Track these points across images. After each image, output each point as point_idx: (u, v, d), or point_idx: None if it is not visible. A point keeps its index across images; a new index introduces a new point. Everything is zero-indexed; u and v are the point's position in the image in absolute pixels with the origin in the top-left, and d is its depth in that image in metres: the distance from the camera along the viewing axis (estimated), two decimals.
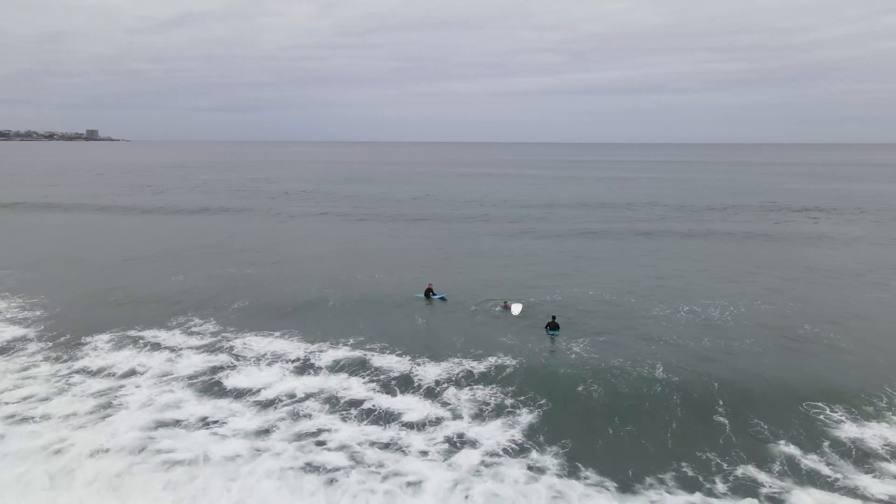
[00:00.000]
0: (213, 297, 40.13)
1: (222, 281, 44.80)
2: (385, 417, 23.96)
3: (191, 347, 30.82)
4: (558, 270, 48.94)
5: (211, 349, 30.68)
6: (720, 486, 19.77)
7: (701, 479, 20.18)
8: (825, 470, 20.65)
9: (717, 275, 47.79)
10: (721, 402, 25.19)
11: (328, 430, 22.87)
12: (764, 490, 19.64)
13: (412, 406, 24.71)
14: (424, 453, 21.38)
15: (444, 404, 24.99)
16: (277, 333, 33.15)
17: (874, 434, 22.80)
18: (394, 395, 25.86)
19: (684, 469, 20.64)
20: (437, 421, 23.62)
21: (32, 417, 23.69)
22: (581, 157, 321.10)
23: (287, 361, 29.16)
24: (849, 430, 23.07)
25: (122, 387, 26.47)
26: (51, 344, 31.32)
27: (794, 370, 28.69)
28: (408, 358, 29.41)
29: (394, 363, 28.84)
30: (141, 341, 31.57)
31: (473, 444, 22.02)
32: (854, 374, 28.35)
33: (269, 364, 28.83)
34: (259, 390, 26.15)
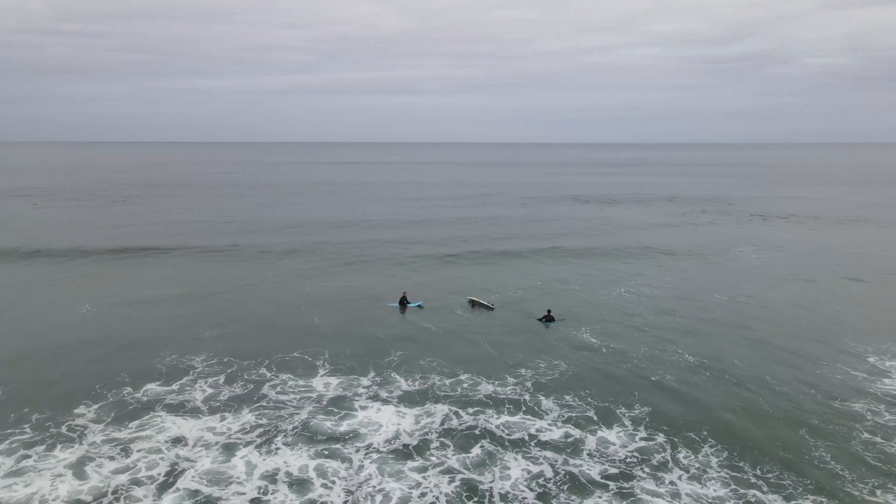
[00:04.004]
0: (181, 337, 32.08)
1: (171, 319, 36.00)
2: (522, 445, 21.14)
3: (221, 401, 24.26)
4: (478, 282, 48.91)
5: (251, 401, 24.42)
6: None
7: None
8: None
9: (610, 264, 52.39)
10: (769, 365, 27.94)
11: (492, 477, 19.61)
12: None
13: (526, 426, 22.37)
14: (605, 484, 19.62)
15: (548, 418, 23.17)
16: (299, 365, 27.94)
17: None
18: (499, 415, 23.07)
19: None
20: (569, 440, 21.62)
21: None
22: (346, 159, 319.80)
23: (348, 401, 24.23)
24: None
25: (181, 467, 19.64)
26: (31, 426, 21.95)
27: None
28: (466, 375, 26.87)
29: (464, 384, 25.95)
30: (146, 402, 23.95)
31: (631, 458, 20.85)
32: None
33: (332, 408, 23.64)
34: (361, 442, 21.10)
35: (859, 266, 50.51)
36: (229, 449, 20.35)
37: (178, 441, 20.81)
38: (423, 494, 17.81)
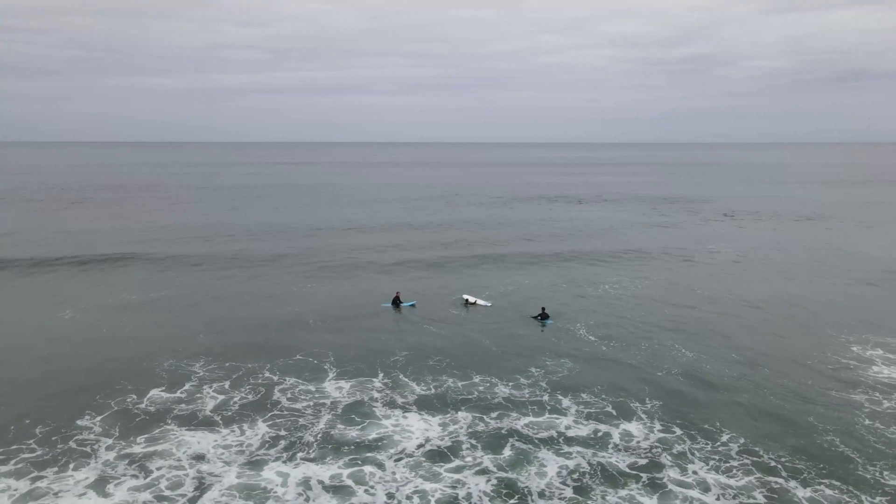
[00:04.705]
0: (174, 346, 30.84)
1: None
2: (557, 444, 21.20)
3: (233, 410, 23.58)
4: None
5: (265, 409, 23.76)
6: None
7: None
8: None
9: (576, 261, 53.29)
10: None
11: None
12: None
13: (553, 424, 22.52)
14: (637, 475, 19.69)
15: (571, 415, 23.39)
16: (305, 368, 27.51)
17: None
18: (522, 416, 23.00)
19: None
20: (600, 439, 21.58)
21: None
22: (307, 160, 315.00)
23: (366, 408, 23.67)
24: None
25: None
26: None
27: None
28: (479, 377, 26.76)
29: (479, 386, 25.81)
30: (154, 413, 23.07)
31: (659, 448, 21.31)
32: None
33: (353, 416, 23.01)
34: (392, 449, 20.47)
35: (825, 261, 52.67)
36: (255, 462, 19.69)
37: (198, 457, 19.95)
38: (468, 495, 17.72)
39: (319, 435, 21.35)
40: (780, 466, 19.89)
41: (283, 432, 21.57)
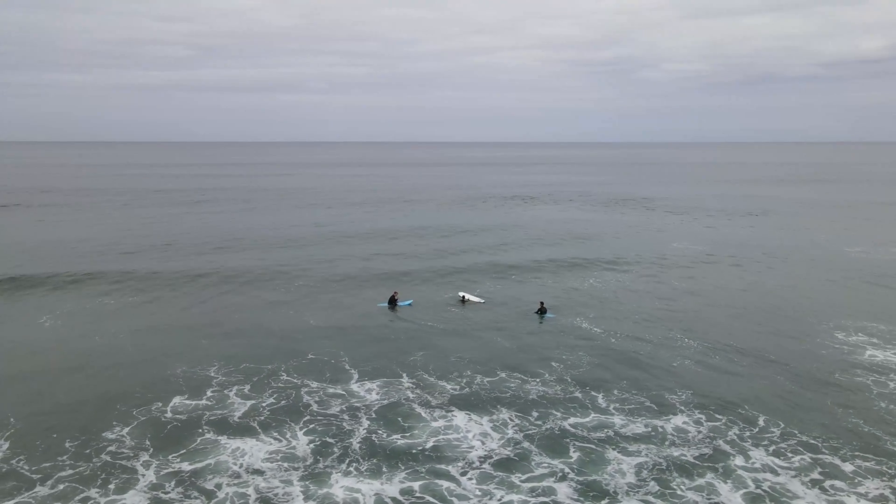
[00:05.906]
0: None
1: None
2: (619, 443, 21.18)
3: (266, 416, 22.52)
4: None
5: (298, 413, 22.86)
6: None
7: None
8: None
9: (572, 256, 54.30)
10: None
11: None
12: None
13: (603, 422, 22.61)
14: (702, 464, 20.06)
15: (614, 411, 23.71)
16: (325, 369, 26.76)
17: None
18: (567, 415, 22.85)
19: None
20: (658, 433, 21.74)
21: None
22: (245, 160, 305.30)
23: (404, 410, 23.04)
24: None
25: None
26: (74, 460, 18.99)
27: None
28: (504, 373, 26.77)
29: (508, 383, 25.72)
30: (185, 421, 21.74)
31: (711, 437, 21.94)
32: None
33: (398, 419, 22.31)
34: (455, 458, 19.81)
35: (784, 254, 55.44)
36: (316, 476, 18.66)
37: (254, 472, 18.76)
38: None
39: (369, 443, 20.60)
40: (820, 445, 20.98)
41: (329, 439, 20.74)
